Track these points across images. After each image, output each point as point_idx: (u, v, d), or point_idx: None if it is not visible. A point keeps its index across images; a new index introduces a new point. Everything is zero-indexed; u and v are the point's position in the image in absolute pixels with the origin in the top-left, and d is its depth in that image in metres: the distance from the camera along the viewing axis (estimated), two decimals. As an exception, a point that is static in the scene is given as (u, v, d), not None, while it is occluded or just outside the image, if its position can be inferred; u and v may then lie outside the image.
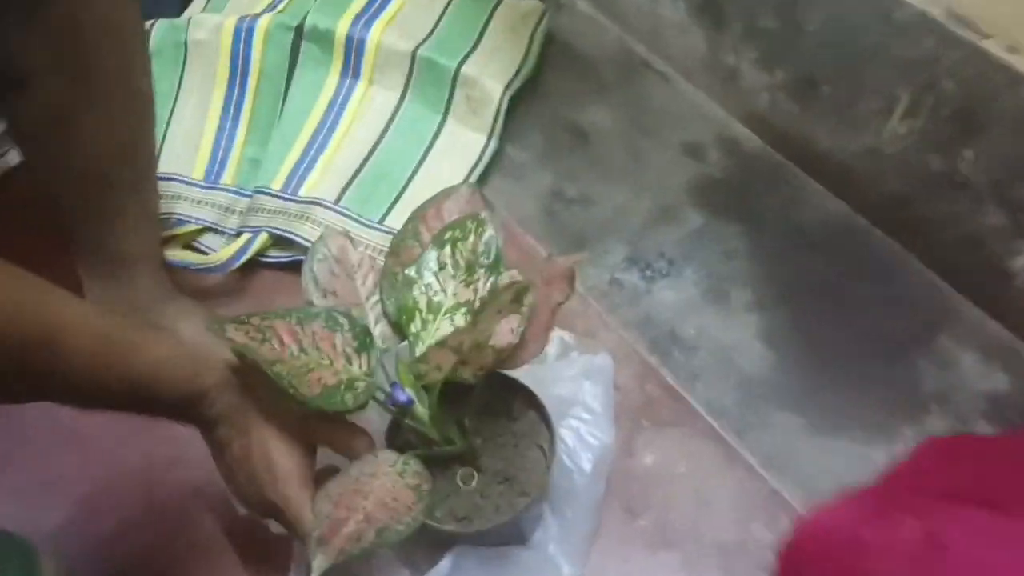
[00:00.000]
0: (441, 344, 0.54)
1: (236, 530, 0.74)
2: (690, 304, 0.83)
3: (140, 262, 0.76)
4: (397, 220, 0.88)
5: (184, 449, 0.67)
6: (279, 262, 0.89)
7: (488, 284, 0.59)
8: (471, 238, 0.61)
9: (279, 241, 0.88)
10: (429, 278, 0.60)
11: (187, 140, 0.94)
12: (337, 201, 0.88)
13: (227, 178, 0.92)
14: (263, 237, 0.87)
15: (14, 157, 0.95)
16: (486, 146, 0.92)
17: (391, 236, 0.83)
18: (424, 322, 0.59)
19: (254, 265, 0.88)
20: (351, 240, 0.66)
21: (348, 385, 0.56)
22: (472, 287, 0.60)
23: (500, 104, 0.92)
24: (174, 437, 0.64)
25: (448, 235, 0.62)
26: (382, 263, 0.64)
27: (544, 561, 0.68)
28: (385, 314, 0.62)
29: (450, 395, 0.61)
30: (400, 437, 0.67)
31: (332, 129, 0.92)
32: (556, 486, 0.70)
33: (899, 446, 0.74)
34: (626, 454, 0.75)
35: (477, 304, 0.59)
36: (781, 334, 0.81)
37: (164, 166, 0.92)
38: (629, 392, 0.79)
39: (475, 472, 0.65)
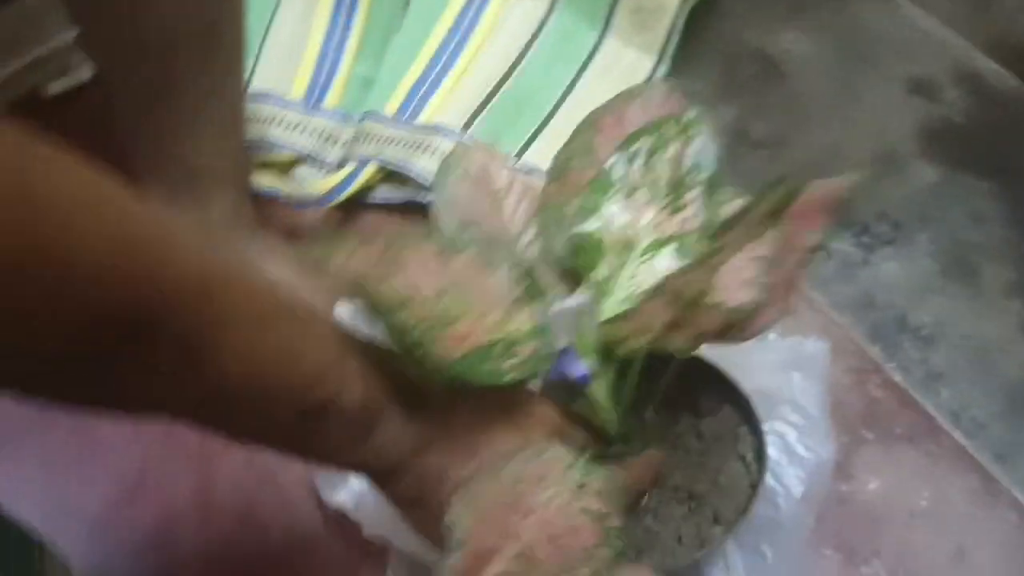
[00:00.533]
0: (656, 292, 0.35)
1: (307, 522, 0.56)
2: (925, 281, 0.63)
3: (219, 182, 0.60)
4: (538, 156, 0.70)
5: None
6: (389, 203, 0.71)
7: (704, 211, 0.40)
8: (673, 147, 0.42)
9: (390, 176, 0.71)
10: (614, 205, 0.42)
11: (287, 53, 0.77)
12: (465, 130, 0.70)
13: (331, 99, 0.75)
14: (371, 169, 0.69)
15: (86, 71, 0.80)
16: (654, 69, 0.72)
17: (530, 175, 0.65)
18: (614, 266, 0.40)
19: (358, 205, 0.71)
20: (496, 157, 0.48)
21: (506, 348, 0.37)
22: (680, 216, 0.40)
23: (676, 18, 0.72)
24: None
25: (638, 145, 0.42)
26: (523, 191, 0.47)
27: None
28: (546, 257, 0.44)
29: (624, 373, 0.42)
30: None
31: (462, 44, 0.75)
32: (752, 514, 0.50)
33: None
34: (842, 476, 0.55)
35: (695, 238, 0.40)
36: (1059, 328, 0.59)
37: (258, 83, 0.75)
38: (845, 393, 0.59)
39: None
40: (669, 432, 0.48)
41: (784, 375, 0.54)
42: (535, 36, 0.75)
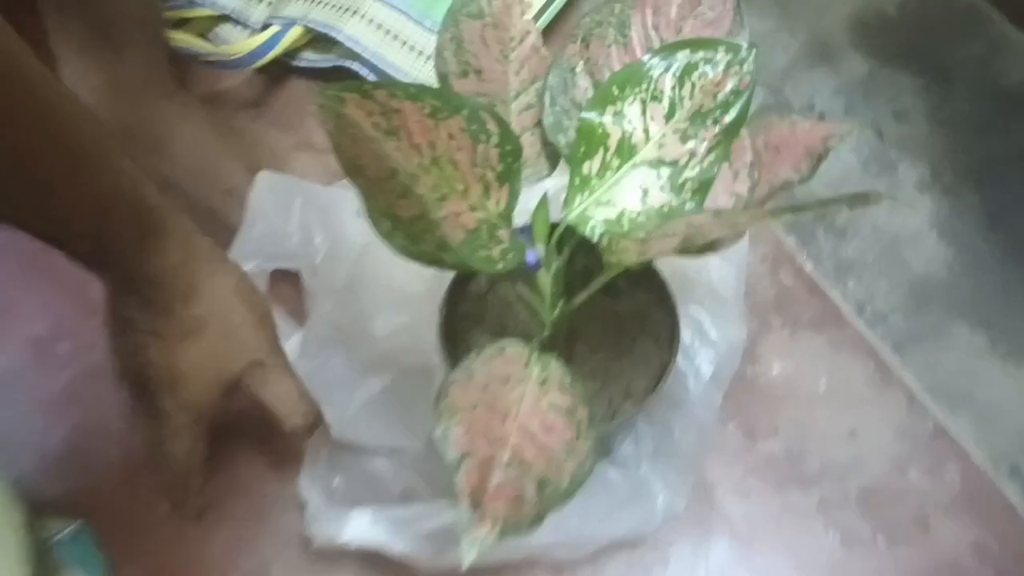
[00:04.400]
0: (668, 232, 0.35)
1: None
2: (845, 174, 0.64)
3: (132, 37, 0.57)
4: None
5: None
6: (315, 67, 0.69)
7: (713, 152, 0.39)
8: (718, 71, 0.40)
9: (317, 40, 0.68)
10: (634, 103, 0.40)
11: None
12: (397, -6, 0.68)
13: (256, -47, 0.72)
14: (296, 31, 0.67)
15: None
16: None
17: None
18: (605, 165, 0.40)
19: (283, 69, 0.69)
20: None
21: (490, 232, 0.37)
22: (687, 145, 0.40)
23: None
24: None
25: (685, 52, 0.41)
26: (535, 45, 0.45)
27: (635, 484, 0.52)
28: (543, 127, 0.43)
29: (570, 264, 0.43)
30: (464, 307, 0.49)
31: None
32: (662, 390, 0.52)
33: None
34: (749, 359, 0.58)
35: (693, 174, 0.39)
36: (965, 224, 0.61)
37: (176, -70, 0.71)
38: (758, 280, 0.61)
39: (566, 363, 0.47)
40: (589, 311, 0.49)
41: (702, 260, 0.56)
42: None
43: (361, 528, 0.49)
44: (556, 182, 0.44)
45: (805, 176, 0.43)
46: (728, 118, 0.40)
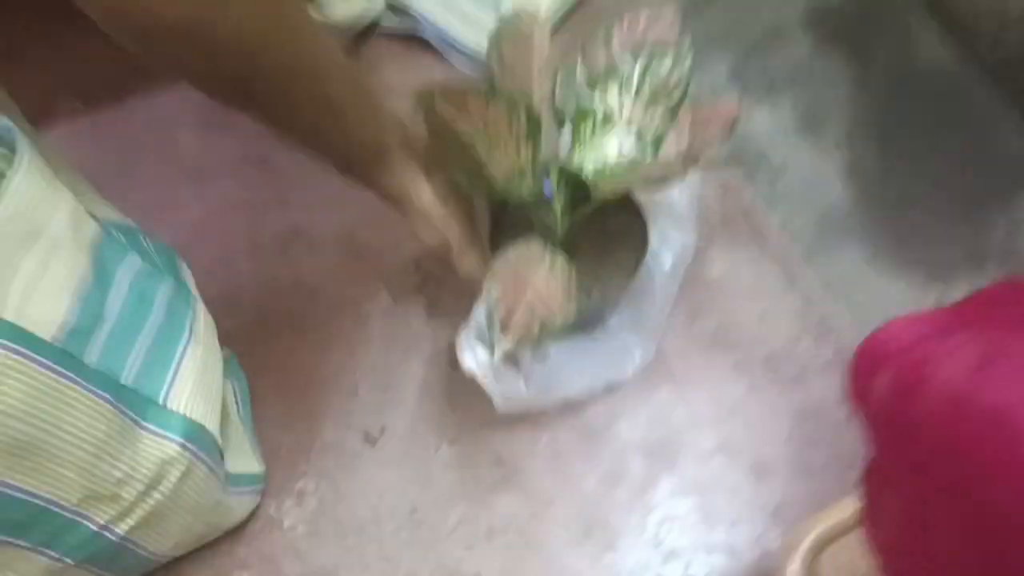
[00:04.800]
0: (628, 172, 0.59)
1: (331, 269, 0.82)
2: (783, 129, 0.86)
3: None
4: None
5: (286, 193, 0.75)
6: (392, 33, 0.91)
7: (659, 123, 0.62)
8: (667, 66, 0.62)
9: (396, 10, 0.90)
10: (613, 89, 0.63)
11: None
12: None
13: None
14: (382, 2, 0.89)
15: None
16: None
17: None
18: (594, 130, 0.63)
19: (367, 31, 0.91)
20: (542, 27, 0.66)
21: (520, 173, 0.60)
22: (648, 113, 0.62)
23: None
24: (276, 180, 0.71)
25: (646, 55, 0.63)
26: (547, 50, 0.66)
27: (620, 345, 0.76)
28: (554, 105, 0.65)
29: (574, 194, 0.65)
30: (505, 221, 0.74)
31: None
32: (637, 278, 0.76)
33: (952, 295, 0.79)
34: (697, 263, 0.81)
35: (650, 137, 0.62)
36: (867, 172, 0.84)
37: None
38: (710, 203, 0.84)
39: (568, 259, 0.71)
40: (586, 226, 0.73)
41: (666, 191, 0.79)
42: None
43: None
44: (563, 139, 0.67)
45: (725, 138, 0.65)
46: (673, 99, 0.63)
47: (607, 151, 0.64)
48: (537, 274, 0.61)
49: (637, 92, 0.63)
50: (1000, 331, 0.32)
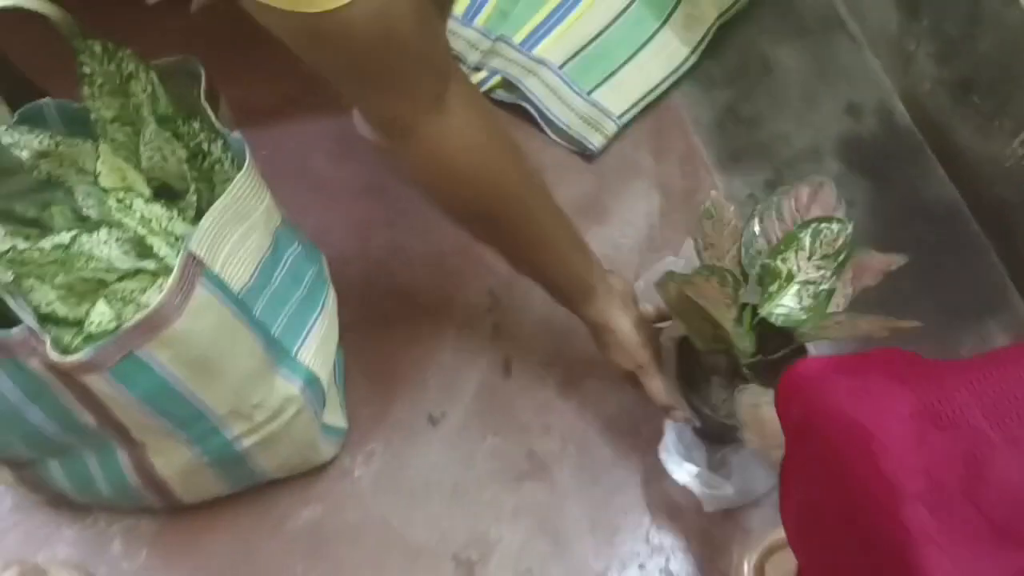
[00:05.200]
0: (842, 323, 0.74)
1: (421, 283, 1.02)
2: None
3: None
4: (602, 97, 1.10)
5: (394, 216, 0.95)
6: (502, 101, 1.12)
7: (833, 276, 0.75)
8: (834, 233, 0.75)
9: (508, 84, 1.11)
10: (791, 253, 0.76)
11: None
12: (561, 67, 1.11)
13: (480, 20, 1.15)
14: (497, 78, 1.10)
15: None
16: (687, 59, 1.12)
17: (594, 108, 1.06)
18: (780, 286, 0.75)
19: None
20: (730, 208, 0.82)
21: (735, 329, 0.73)
22: (820, 272, 0.75)
23: (711, 27, 1.11)
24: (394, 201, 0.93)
25: (815, 224, 0.76)
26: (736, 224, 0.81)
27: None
28: (742, 267, 0.78)
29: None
30: (687, 364, 0.86)
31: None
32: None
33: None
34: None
35: (821, 290, 0.75)
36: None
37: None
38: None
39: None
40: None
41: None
42: (620, 15, 1.13)
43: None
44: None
45: (875, 284, 0.78)
46: (837, 261, 0.75)
47: (790, 302, 0.76)
48: (763, 413, 0.69)
49: (810, 254, 0.76)
50: (873, 373, 0.50)
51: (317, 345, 0.80)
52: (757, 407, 0.69)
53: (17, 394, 0.67)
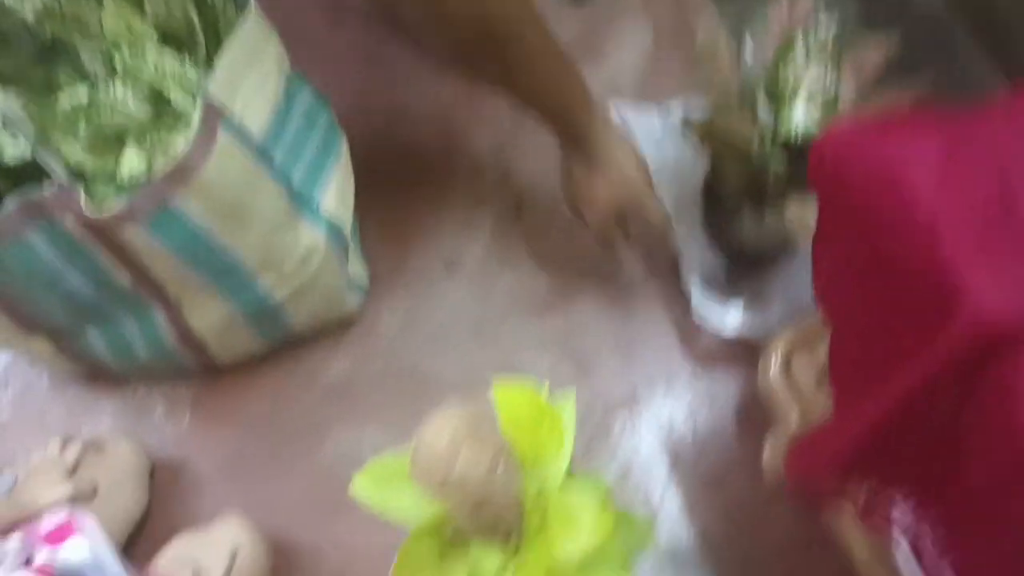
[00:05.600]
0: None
1: (427, 140, 1.03)
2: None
3: None
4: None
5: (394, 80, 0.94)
6: None
7: (833, 82, 0.77)
8: (820, 34, 0.78)
9: None
10: (788, 67, 0.78)
11: None
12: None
13: None
14: None
15: None
16: None
17: None
18: (788, 101, 0.78)
19: None
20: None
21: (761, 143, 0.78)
22: (819, 79, 0.77)
23: None
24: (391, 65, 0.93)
25: (802, 30, 0.78)
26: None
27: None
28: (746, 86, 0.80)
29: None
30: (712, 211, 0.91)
31: None
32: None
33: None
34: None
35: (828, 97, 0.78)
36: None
37: None
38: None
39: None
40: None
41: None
42: None
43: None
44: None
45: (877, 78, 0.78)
46: (832, 56, 0.77)
47: (800, 119, 0.78)
48: None
49: (808, 64, 0.78)
50: (898, 123, 0.52)
51: (337, 195, 0.81)
52: (803, 217, 0.73)
53: (54, 257, 0.68)
